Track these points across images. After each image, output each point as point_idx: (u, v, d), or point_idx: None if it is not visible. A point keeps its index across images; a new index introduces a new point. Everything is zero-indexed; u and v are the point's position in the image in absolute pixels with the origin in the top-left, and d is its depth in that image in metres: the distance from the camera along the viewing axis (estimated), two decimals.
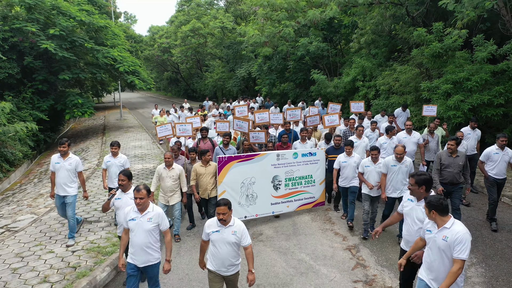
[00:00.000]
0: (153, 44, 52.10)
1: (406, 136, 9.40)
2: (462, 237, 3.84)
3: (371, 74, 19.00)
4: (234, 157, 7.90)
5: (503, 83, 11.97)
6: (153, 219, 4.75)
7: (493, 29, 13.48)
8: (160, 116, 17.77)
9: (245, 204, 8.01)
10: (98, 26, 21.06)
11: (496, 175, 7.63)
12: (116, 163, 7.84)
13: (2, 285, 5.65)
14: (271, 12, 14.36)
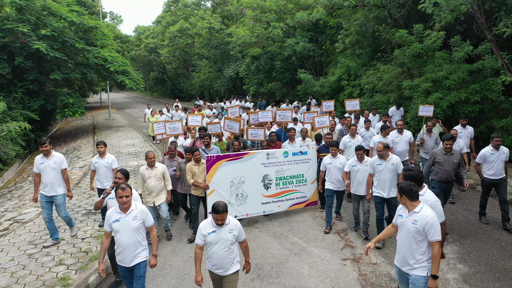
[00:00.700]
0: (140, 44, 52.17)
1: (397, 136, 9.39)
2: (432, 220, 4.09)
3: (356, 74, 19.69)
4: (223, 156, 7.85)
5: (479, 82, 12.72)
6: (138, 217, 4.72)
7: (470, 30, 14.28)
8: (152, 116, 17.88)
9: (235, 204, 7.95)
10: (88, 27, 21.34)
11: (494, 176, 7.53)
12: (103, 163, 7.67)
13: (21, 268, 6.11)
14: (261, 14, 14.92)
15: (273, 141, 9.40)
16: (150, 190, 7.18)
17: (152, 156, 7.20)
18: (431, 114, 10.87)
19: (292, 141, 9.43)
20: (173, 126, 9.63)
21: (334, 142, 7.84)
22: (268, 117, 11.22)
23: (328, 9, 14.00)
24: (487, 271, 5.99)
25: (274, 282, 5.85)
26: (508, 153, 7.60)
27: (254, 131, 9.55)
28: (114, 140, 19.06)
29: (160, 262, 6.56)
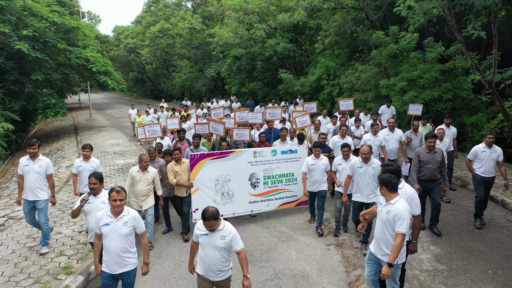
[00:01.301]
0: (119, 45, 51.88)
1: (389, 134, 9.36)
2: (401, 213, 4.33)
3: (335, 73, 20.31)
4: (207, 154, 7.75)
5: (451, 80, 13.50)
6: (129, 223, 4.52)
7: (442, 32, 15.06)
8: (138, 116, 17.74)
9: (221, 202, 7.80)
10: (69, 27, 21.33)
11: (484, 174, 7.51)
12: (88, 167, 7.33)
13: (24, 259, 6.39)
14: (243, 15, 15.36)
15: (262, 142, 9.25)
16: (137, 193, 6.95)
17: (147, 159, 6.98)
18: (420, 113, 10.97)
19: (283, 141, 9.24)
20: (152, 129, 9.25)
21: (317, 142, 7.60)
22: (258, 118, 10.88)
23: (309, 11, 14.54)
24: (456, 251, 6.61)
25: (265, 266, 6.31)
26: (501, 152, 7.52)
27: (239, 131, 9.29)
28: (98, 140, 19.17)
29: (156, 251, 6.95)
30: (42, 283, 5.64)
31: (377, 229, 4.71)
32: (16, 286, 5.59)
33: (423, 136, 9.68)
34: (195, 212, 7.61)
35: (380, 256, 4.62)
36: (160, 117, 17.44)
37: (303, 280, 5.85)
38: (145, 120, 17.18)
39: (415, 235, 4.87)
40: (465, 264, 6.20)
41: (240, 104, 21.15)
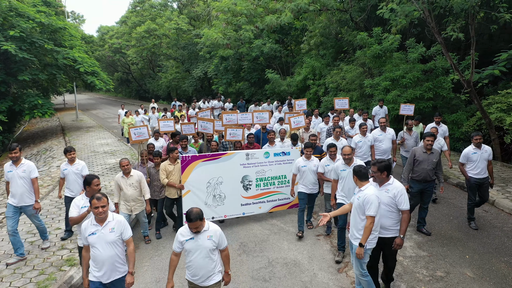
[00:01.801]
0: (103, 45, 51.64)
1: (381, 133, 9.32)
2: (369, 198, 4.68)
3: (321, 73, 20.79)
4: (199, 156, 7.68)
5: (432, 80, 14.07)
6: (116, 229, 4.40)
7: (423, 33, 15.65)
8: (127, 117, 17.27)
9: (213, 205, 7.77)
10: (56, 28, 21.34)
11: (478, 175, 7.46)
12: (73, 170, 7.16)
13: (26, 253, 6.62)
14: (232, 17, 15.71)
15: (251, 143, 9.14)
16: (127, 198, 6.91)
17: (126, 163, 6.83)
18: (412, 113, 10.99)
19: (272, 144, 9.00)
20: (139, 131, 8.98)
21: (308, 143, 7.51)
22: (248, 119, 10.69)
23: (295, 13, 14.95)
24: (437, 239, 7.09)
25: (259, 255, 6.68)
26: (491, 151, 7.55)
27: (232, 131, 9.17)
28: (87, 140, 19.26)
29: (153, 244, 7.26)
30: (47, 274, 5.90)
31: (351, 217, 5.07)
32: (22, 277, 5.84)
33: (418, 135, 9.90)
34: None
35: (353, 240, 4.99)
36: (151, 118, 17.21)
37: (295, 267, 6.23)
38: (134, 120, 16.86)
39: (403, 230, 5.03)
40: (444, 250, 6.67)
41: (232, 104, 21.17)
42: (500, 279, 5.76)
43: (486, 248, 6.76)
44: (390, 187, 5.04)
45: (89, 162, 13.88)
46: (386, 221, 5.06)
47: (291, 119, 9.80)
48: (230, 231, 7.75)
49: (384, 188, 5.07)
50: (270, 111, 12.13)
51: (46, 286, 5.58)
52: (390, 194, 5.00)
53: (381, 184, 5.11)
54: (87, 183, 5.13)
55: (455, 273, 5.95)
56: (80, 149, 16.57)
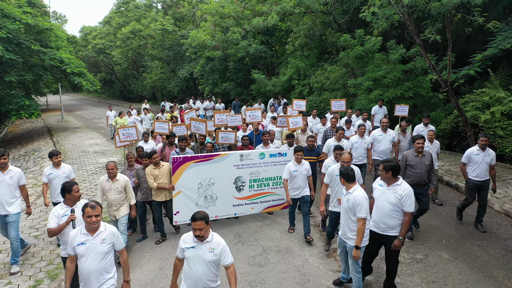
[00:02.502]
0: (87, 45, 51.33)
1: (381, 134, 9.14)
2: (359, 200, 4.86)
3: (305, 73, 21.34)
4: (191, 158, 7.58)
5: (411, 80, 14.76)
6: (107, 240, 4.21)
7: (403, 35, 16.33)
8: (120, 118, 16.85)
9: (203, 206, 7.71)
10: (43, 29, 21.41)
11: (477, 177, 7.39)
12: (60, 174, 6.96)
13: (33, 246, 6.96)
14: (220, 19, 16.15)
15: (245, 146, 9.00)
16: (110, 203, 6.73)
17: (112, 167, 6.64)
18: (406, 114, 10.90)
19: (266, 145, 8.93)
20: (127, 132, 8.78)
21: (299, 147, 7.29)
22: (237, 121, 10.59)
23: (281, 15, 15.47)
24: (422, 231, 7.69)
25: (254, 244, 7.17)
26: (495, 156, 7.44)
27: (224, 135, 9.11)
28: (75, 140, 19.42)
29: (154, 237, 7.66)
30: (56, 264, 6.25)
31: (341, 216, 5.30)
32: (32, 267, 6.18)
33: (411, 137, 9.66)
34: (175, 215, 7.56)
35: (345, 240, 5.21)
36: (144, 120, 16.88)
37: (288, 254, 6.74)
38: (127, 122, 16.44)
39: (403, 232, 5.08)
40: (424, 236, 7.29)
41: (224, 105, 21.28)
42: (472, 260, 6.40)
43: (461, 233, 7.42)
44: (398, 187, 5.06)
45: (81, 162, 14.14)
46: (391, 221, 5.11)
47: (289, 119, 9.70)
48: (225, 224, 8.20)
49: (392, 188, 5.10)
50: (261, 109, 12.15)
51: (56, 274, 5.95)
52: (397, 194, 5.03)
53: (389, 183, 5.14)
54: (67, 190, 4.87)
55: (433, 256, 6.55)
56: (70, 149, 16.77)
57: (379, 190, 5.24)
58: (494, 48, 12.36)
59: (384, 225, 5.17)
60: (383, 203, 5.13)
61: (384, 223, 5.16)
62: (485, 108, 12.49)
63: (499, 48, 12.20)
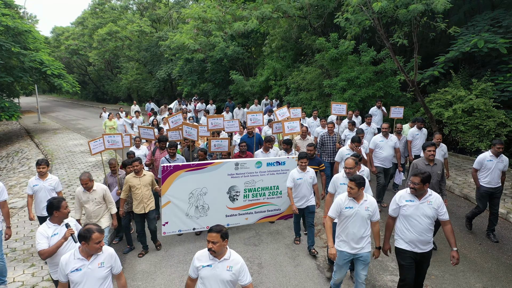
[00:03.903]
0: (59, 46, 50.79)
1: (382, 140, 8.74)
2: (376, 204, 4.97)
3: (282, 74, 22.27)
4: (182, 166, 7.21)
5: (382, 80, 15.92)
6: (106, 263, 3.89)
7: (374, 38, 17.51)
8: (109, 120, 15.63)
9: (194, 216, 7.43)
10: (22, 31, 21.52)
11: (489, 184, 7.18)
12: (46, 186, 6.59)
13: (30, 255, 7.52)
14: (202, 24, 16.88)
15: (243, 152, 8.55)
16: (89, 215, 6.37)
17: (85, 181, 6.17)
18: (401, 116, 10.78)
19: (266, 151, 8.53)
20: (112, 139, 8.34)
21: (303, 153, 6.87)
22: (235, 126, 10.18)
23: (260, 19, 16.34)
24: None
25: (247, 229, 8.06)
26: (507, 162, 7.23)
27: (217, 142, 8.75)
28: (58, 141, 19.67)
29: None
30: None
31: (353, 228, 4.91)
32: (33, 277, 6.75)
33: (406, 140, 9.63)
34: (164, 225, 7.29)
35: (358, 251, 4.96)
36: (135, 123, 15.97)
37: (278, 235, 7.66)
38: (117, 124, 15.66)
39: (454, 242, 4.85)
40: None
41: (215, 106, 20.80)
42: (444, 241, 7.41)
43: None
44: (431, 198, 4.84)
45: (69, 161, 14.56)
46: (429, 236, 4.87)
47: (285, 123, 9.33)
48: None
49: (425, 200, 4.83)
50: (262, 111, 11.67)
51: None
52: (433, 206, 4.80)
53: (421, 196, 4.86)
54: (55, 207, 4.53)
55: None
56: (55, 150, 17.10)
57: (411, 206, 4.85)
58: (455, 51, 13.67)
59: (422, 242, 4.87)
60: (420, 219, 4.81)
61: (423, 240, 4.85)
62: (448, 106, 13.70)
63: (459, 51, 13.51)
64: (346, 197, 4.99)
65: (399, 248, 5.02)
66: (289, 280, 6.24)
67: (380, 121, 12.83)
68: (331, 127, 9.70)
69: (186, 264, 6.78)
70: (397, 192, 5.13)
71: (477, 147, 12.53)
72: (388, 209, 5.18)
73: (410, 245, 4.91)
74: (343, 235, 5.05)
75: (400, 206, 4.96)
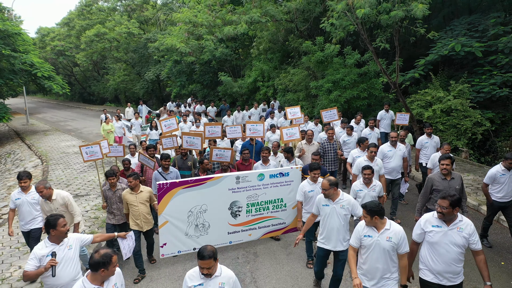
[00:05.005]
0: (44, 47, 50.51)
1: (390, 149, 8.30)
2: (403, 234, 4.29)
3: (269, 76, 22.92)
4: (179, 183, 6.67)
5: (366, 82, 16.64)
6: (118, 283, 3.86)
7: (358, 42, 18.26)
8: (106, 123, 15.15)
9: (194, 235, 6.96)
10: (12, 33, 21.67)
11: (503, 198, 6.88)
12: (28, 200, 6.26)
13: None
14: (193, 28, 17.40)
15: (246, 160, 8.29)
16: None
17: (41, 189, 5.80)
18: (407, 123, 10.49)
19: (266, 163, 8.07)
20: (90, 150, 8.02)
21: (315, 164, 6.41)
22: (237, 132, 9.61)
23: (248, 24, 16.93)
24: None
25: None
26: None
27: (220, 152, 8.24)
28: (50, 142, 19.92)
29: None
30: None
31: (375, 262, 4.40)
32: None
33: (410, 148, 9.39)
34: (162, 247, 6.79)
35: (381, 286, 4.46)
36: (134, 125, 15.69)
37: None
38: (114, 127, 15.29)
39: (488, 274, 4.34)
40: None
41: (216, 108, 20.39)
42: None
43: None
44: (462, 224, 4.33)
45: (65, 162, 14.91)
46: (459, 267, 4.37)
47: (284, 130, 8.90)
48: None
49: (454, 226, 4.33)
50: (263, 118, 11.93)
51: None
52: (464, 233, 4.28)
53: (450, 222, 4.35)
54: (51, 225, 4.24)
55: None
56: (49, 151, 17.38)
57: (438, 233, 4.36)
58: (434, 54, 14.49)
59: (451, 273, 4.38)
60: (448, 248, 4.31)
61: (452, 271, 4.36)
62: (428, 106, 14.49)
63: (438, 54, 14.33)
64: (363, 225, 4.53)
65: (424, 280, 4.54)
66: (282, 267, 6.89)
67: (388, 126, 12.79)
68: (331, 134, 9.28)
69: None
70: (422, 216, 4.68)
71: (455, 145, 13.33)
72: (412, 233, 4.67)
73: (437, 277, 4.42)
74: (363, 268, 4.57)
75: (425, 232, 4.47)
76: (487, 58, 13.78)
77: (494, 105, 13.98)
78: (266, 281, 6.46)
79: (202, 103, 20.82)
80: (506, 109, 13.77)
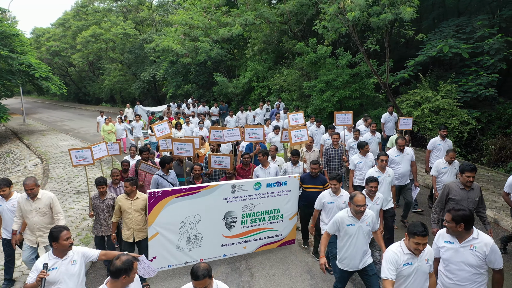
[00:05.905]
0: (40, 47, 50.63)
1: (398, 154, 7.96)
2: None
3: (263, 76, 23.36)
4: (171, 192, 6.25)
5: (358, 82, 17.11)
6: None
7: (349, 43, 18.74)
8: (106, 124, 14.76)
9: (186, 248, 6.54)
10: (10, 34, 21.95)
11: None
12: (8, 207, 6.05)
13: None
14: (189, 30, 17.82)
15: (246, 165, 8.01)
16: (31, 227, 5.75)
17: (30, 186, 5.58)
18: (410, 127, 10.40)
19: (265, 166, 7.75)
20: (81, 154, 7.64)
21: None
22: (236, 135, 9.17)
23: (243, 26, 17.37)
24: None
25: None
26: None
27: (218, 158, 7.87)
28: (48, 142, 20.21)
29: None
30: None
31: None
32: None
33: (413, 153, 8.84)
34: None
35: None
36: (135, 127, 15.03)
37: None
38: (115, 128, 14.85)
39: None
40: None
41: (219, 109, 19.77)
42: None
43: None
44: (476, 242, 3.92)
45: (65, 161, 15.23)
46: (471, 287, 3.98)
47: (292, 132, 8.43)
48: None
49: (467, 244, 3.96)
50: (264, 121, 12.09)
51: None
52: (478, 253, 3.89)
53: (462, 239, 3.99)
54: (54, 238, 4.09)
55: None
56: (47, 151, 17.69)
57: (450, 250, 4.06)
58: (423, 55, 14.99)
59: None
60: (460, 266, 3.98)
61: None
62: (417, 106, 14.96)
63: (427, 56, 14.83)
64: (402, 251, 3.99)
65: None
66: (275, 255, 7.28)
67: (393, 129, 12.64)
68: (336, 139, 8.66)
69: None
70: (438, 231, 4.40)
71: None
72: None
73: None
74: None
75: (438, 247, 4.22)
76: (474, 59, 14.31)
77: (480, 104, 14.51)
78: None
79: (205, 104, 20.51)
80: (491, 108, 14.31)
